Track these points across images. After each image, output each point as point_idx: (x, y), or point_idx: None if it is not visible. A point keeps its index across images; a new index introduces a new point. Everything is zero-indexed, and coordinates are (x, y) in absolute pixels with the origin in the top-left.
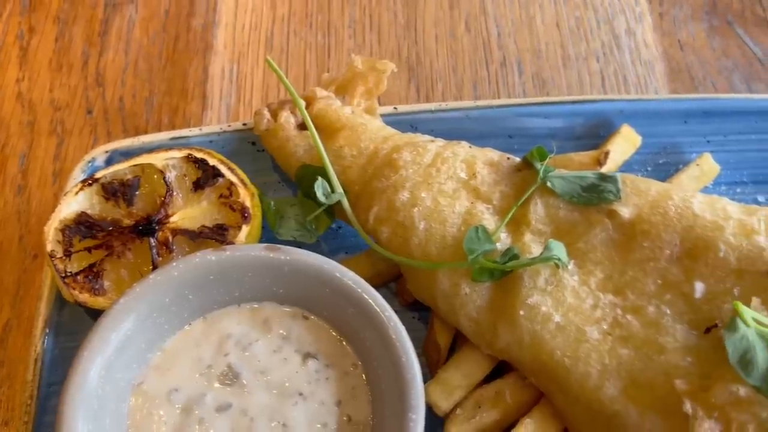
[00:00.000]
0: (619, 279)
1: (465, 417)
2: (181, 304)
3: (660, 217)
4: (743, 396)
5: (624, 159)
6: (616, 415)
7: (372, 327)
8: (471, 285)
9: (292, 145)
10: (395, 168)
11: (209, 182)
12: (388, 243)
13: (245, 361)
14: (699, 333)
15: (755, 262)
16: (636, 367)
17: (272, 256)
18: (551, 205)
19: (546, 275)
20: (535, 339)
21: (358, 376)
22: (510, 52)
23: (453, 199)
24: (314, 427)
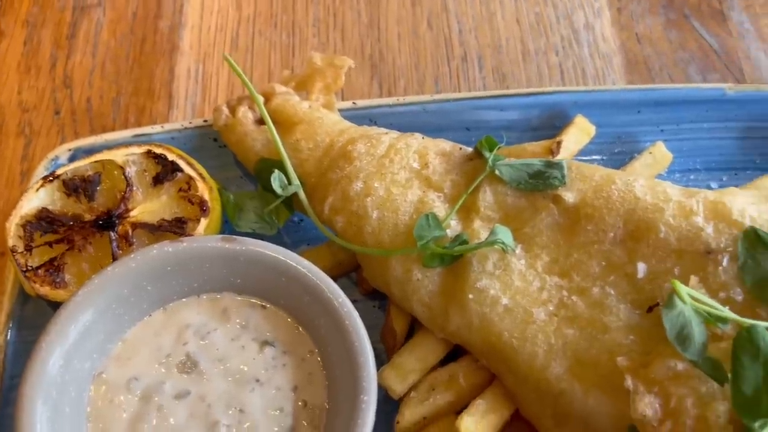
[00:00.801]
0: (564, 262)
1: (419, 399)
2: (140, 295)
3: (603, 201)
4: (681, 371)
5: (578, 148)
6: (562, 394)
7: (327, 314)
8: (422, 271)
9: (250, 140)
10: (349, 159)
11: (168, 177)
12: (343, 232)
13: (203, 350)
14: (641, 312)
15: (694, 242)
16: (581, 346)
17: (228, 247)
18: (499, 192)
19: (494, 260)
20: (484, 321)
21: (314, 362)
22: (471, 48)
23: (405, 189)
24: (270, 412)
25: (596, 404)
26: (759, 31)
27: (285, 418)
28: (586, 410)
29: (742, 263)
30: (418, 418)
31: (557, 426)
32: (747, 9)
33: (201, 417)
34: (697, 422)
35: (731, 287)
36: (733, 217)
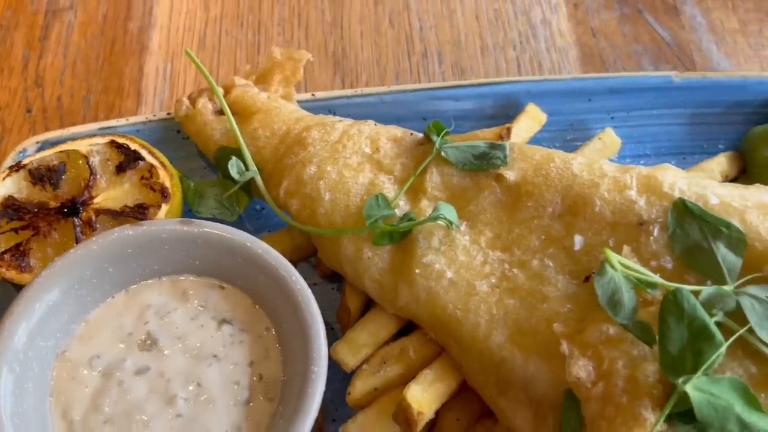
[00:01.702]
0: (506, 237)
1: (370, 372)
2: (102, 277)
3: (542, 179)
4: (613, 335)
5: (530, 135)
6: (503, 362)
7: (281, 292)
8: (372, 249)
9: (209, 129)
10: (304, 145)
11: (131, 165)
12: (297, 215)
13: (163, 328)
14: (578, 282)
15: (627, 215)
16: (521, 315)
17: (186, 230)
18: (446, 173)
19: (440, 236)
20: (431, 295)
21: (270, 338)
22: (431, 44)
23: (357, 172)
24: (227, 385)
25: (535, 370)
26: (710, 24)
27: (241, 391)
28: (527, 376)
29: (672, 233)
30: (369, 390)
31: (500, 393)
32: (699, 3)
33: (160, 391)
34: (628, 383)
35: (662, 256)
36: (663, 190)
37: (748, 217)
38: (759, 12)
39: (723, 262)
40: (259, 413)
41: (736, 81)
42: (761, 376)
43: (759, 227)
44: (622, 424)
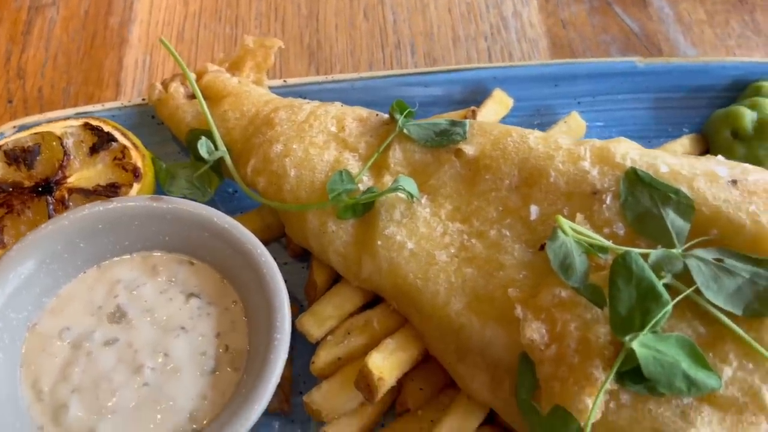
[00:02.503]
0: (466, 209)
1: (335, 342)
2: (74, 252)
3: (500, 152)
4: (566, 298)
5: (496, 119)
6: (462, 328)
7: (247, 265)
8: (337, 223)
9: (181, 113)
10: (272, 125)
11: (104, 146)
12: (264, 192)
13: (133, 302)
14: (534, 251)
15: (581, 185)
16: (478, 283)
17: (155, 206)
18: (408, 149)
19: (401, 209)
20: (392, 265)
21: (237, 311)
22: (404, 36)
23: (322, 150)
24: (194, 355)
25: (492, 336)
26: (678, 15)
27: (208, 361)
28: (484, 342)
29: (624, 200)
30: (332, 359)
31: (459, 360)
32: None
33: (128, 361)
34: (580, 344)
35: (614, 222)
36: (616, 160)
37: (697, 184)
38: (725, 3)
39: (672, 226)
40: (225, 382)
41: (699, 66)
42: (709, 336)
43: (706, 193)
44: (574, 384)
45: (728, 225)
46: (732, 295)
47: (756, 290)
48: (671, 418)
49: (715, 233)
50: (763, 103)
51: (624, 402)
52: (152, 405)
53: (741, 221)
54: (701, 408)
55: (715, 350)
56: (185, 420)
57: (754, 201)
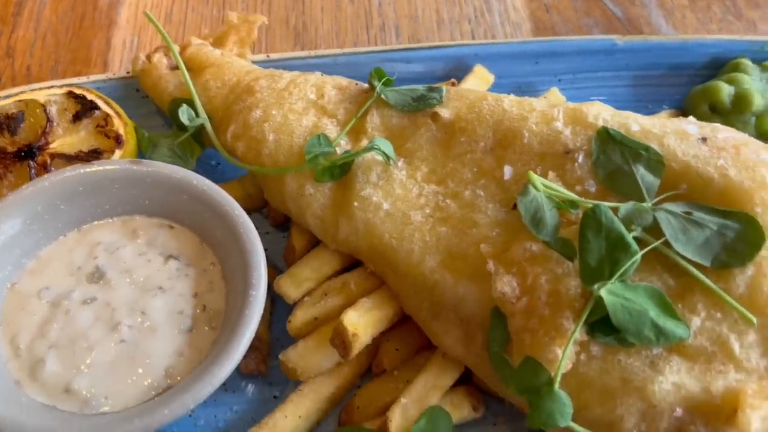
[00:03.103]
0: (441, 171)
1: (312, 303)
2: (54, 214)
3: (475, 115)
4: (537, 252)
5: None
6: (435, 285)
7: (226, 226)
8: (314, 186)
9: (164, 83)
10: (252, 93)
11: (87, 114)
12: (243, 156)
13: (112, 263)
14: (507, 209)
15: (554, 145)
16: (452, 241)
17: (135, 168)
18: (386, 115)
19: (378, 172)
20: (368, 226)
21: (215, 272)
22: (389, 18)
23: (301, 115)
24: (171, 314)
25: (465, 292)
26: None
27: (185, 320)
28: (457, 298)
29: (595, 158)
30: (309, 319)
31: (433, 317)
32: None
33: (105, 319)
34: (550, 296)
35: (586, 180)
36: (588, 120)
37: (667, 141)
38: None
39: (642, 182)
40: (202, 341)
41: (678, 43)
42: (679, 288)
43: (676, 149)
44: (544, 335)
45: (697, 179)
46: (700, 246)
47: (724, 242)
48: (640, 367)
49: (685, 188)
50: (741, 78)
51: (594, 354)
52: (128, 361)
53: (709, 175)
54: (670, 358)
55: (684, 301)
56: (161, 376)
57: (723, 156)
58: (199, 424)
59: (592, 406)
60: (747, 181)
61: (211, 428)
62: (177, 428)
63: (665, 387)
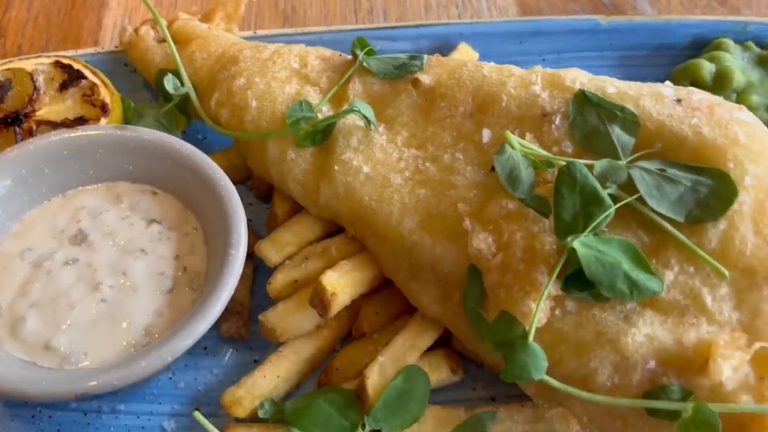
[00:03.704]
0: (421, 135)
1: (292, 266)
2: (39, 177)
3: (455, 81)
4: (513, 209)
5: None
6: (414, 246)
7: (208, 190)
8: (296, 151)
9: (150, 54)
10: (236, 62)
11: (74, 83)
12: (227, 123)
13: (95, 226)
14: (486, 172)
15: (532, 108)
16: (431, 203)
17: (119, 134)
18: (367, 82)
19: (358, 137)
20: (348, 189)
21: (197, 236)
22: (377, 3)
23: (284, 83)
24: (152, 275)
25: (443, 251)
26: None
27: (165, 281)
28: (435, 257)
29: (572, 120)
30: (289, 281)
31: (412, 277)
32: None
33: (86, 280)
34: (526, 252)
35: (563, 141)
36: (566, 84)
37: (642, 102)
38: None
39: (617, 141)
40: (182, 301)
41: (661, 24)
42: (653, 244)
43: (651, 110)
44: (519, 290)
45: (671, 138)
46: (674, 202)
47: (697, 197)
48: (614, 321)
49: (659, 146)
50: (722, 56)
51: (569, 309)
52: (108, 319)
53: (683, 134)
54: (644, 312)
55: (658, 257)
56: (140, 335)
57: (697, 115)
58: (179, 386)
59: (566, 360)
60: (720, 138)
61: (191, 390)
62: (157, 390)
63: (638, 339)
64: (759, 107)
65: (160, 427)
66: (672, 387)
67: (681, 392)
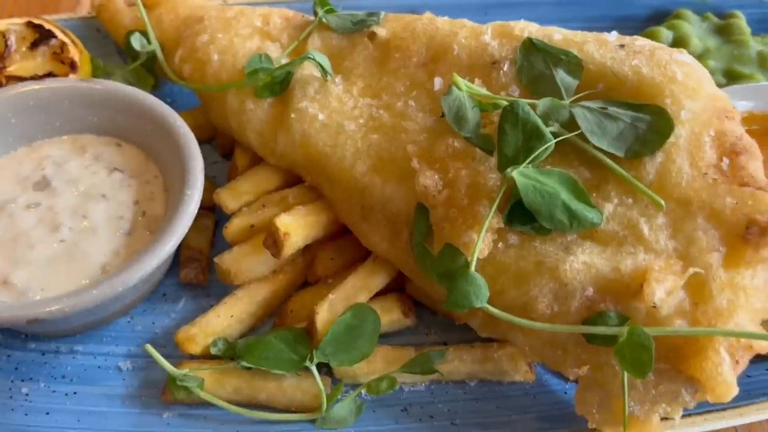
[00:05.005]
0: (376, 85)
1: (249, 212)
2: (5, 127)
3: (410, 33)
4: (459, 148)
5: None
6: (365, 188)
7: (168, 138)
8: (255, 101)
9: (119, 17)
10: (201, 21)
11: (44, 42)
12: (190, 77)
13: (58, 174)
14: (436, 117)
15: (482, 56)
16: (382, 147)
17: (84, 85)
18: (326, 37)
19: (315, 87)
20: (304, 136)
21: (157, 184)
22: None
23: (246, 39)
24: (112, 219)
25: (392, 192)
26: None
27: (124, 224)
28: (385, 198)
29: (519, 66)
30: (245, 225)
31: (363, 219)
32: None
33: (47, 222)
34: (470, 188)
35: (510, 86)
36: (515, 33)
37: (587, 47)
38: None
39: (561, 83)
40: (139, 242)
41: None
42: (595, 179)
43: (594, 53)
44: (462, 223)
45: (613, 78)
46: (615, 138)
47: (636, 133)
48: (554, 251)
49: (601, 86)
50: (680, 24)
51: (512, 242)
52: (66, 258)
53: (624, 74)
54: (584, 243)
55: (598, 191)
56: (97, 273)
57: (638, 57)
58: (136, 329)
59: (507, 289)
60: (658, 76)
61: (148, 333)
62: (115, 333)
63: (576, 266)
64: (715, 71)
65: (116, 367)
66: (609, 313)
67: (618, 318)
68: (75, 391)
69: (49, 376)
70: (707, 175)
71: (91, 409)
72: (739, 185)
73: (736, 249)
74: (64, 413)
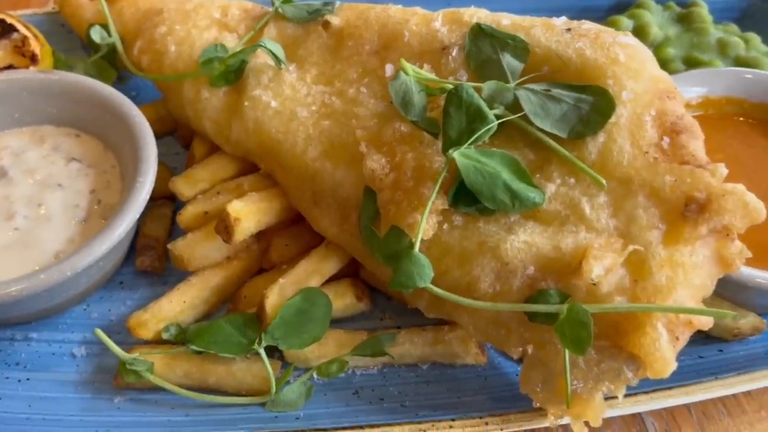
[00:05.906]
0: (329, 73)
1: (203, 199)
2: None
3: (363, 22)
4: (406, 132)
5: None
6: (316, 173)
7: (124, 128)
8: (210, 90)
9: (81, 11)
10: (160, 13)
11: (5, 36)
12: (148, 68)
13: (16, 164)
14: (387, 103)
15: (432, 42)
16: (333, 133)
17: (43, 77)
18: (282, 27)
19: (269, 75)
20: (257, 124)
21: (114, 173)
22: None
23: (203, 30)
24: (67, 207)
25: (343, 176)
26: None
27: (79, 212)
28: (335, 183)
29: (468, 51)
30: (199, 212)
31: (314, 204)
32: None
33: (2, 211)
34: (415, 171)
35: (459, 71)
36: (464, 20)
37: (534, 31)
38: None
39: (507, 67)
40: (93, 230)
41: None
42: (538, 161)
43: (540, 37)
44: (408, 205)
45: (557, 61)
46: (558, 120)
47: (579, 114)
48: (496, 231)
49: (546, 69)
50: (641, 13)
51: (457, 224)
52: (20, 245)
53: (568, 56)
54: (526, 223)
55: (542, 172)
56: (50, 259)
57: (582, 40)
58: (92, 316)
59: (451, 270)
60: (601, 58)
61: (103, 320)
62: (71, 320)
63: (516, 245)
64: (675, 59)
65: (71, 353)
66: (550, 291)
67: (559, 296)
68: (28, 378)
69: (3, 363)
70: (648, 154)
71: (42, 395)
72: (680, 164)
73: (676, 226)
74: (16, 399)
